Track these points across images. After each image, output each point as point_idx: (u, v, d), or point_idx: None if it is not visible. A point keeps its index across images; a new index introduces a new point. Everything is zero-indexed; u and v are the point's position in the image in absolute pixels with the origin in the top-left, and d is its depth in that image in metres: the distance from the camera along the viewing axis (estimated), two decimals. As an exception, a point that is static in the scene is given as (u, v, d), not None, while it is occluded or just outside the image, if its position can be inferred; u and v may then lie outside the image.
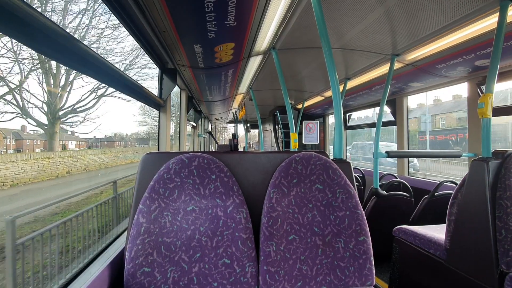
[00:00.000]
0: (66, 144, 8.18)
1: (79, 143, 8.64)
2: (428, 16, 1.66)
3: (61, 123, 6.51)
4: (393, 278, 1.93)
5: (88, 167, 7.13)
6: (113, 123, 16.01)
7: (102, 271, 0.88)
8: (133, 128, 19.87)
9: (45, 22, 0.67)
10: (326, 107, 4.90)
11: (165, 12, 1.39)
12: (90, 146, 8.83)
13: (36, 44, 0.70)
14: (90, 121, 7.69)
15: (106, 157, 8.01)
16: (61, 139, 7.68)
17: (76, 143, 8.53)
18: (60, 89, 6.29)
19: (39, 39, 0.69)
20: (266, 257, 0.96)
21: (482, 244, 1.33)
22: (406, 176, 3.33)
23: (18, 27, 0.61)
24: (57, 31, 0.72)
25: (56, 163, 5.94)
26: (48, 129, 6.13)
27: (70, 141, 8.52)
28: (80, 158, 6.84)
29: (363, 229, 1.03)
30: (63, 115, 6.53)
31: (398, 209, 2.45)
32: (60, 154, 6.15)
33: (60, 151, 6.26)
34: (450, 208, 1.55)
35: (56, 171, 5.95)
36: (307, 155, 1.08)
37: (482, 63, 2.13)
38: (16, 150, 6.47)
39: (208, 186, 1.00)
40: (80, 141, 8.59)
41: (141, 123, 15.08)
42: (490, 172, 1.35)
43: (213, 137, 9.09)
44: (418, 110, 15.71)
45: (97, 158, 7.71)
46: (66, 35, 0.76)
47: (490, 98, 1.51)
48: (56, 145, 6.13)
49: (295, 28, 1.89)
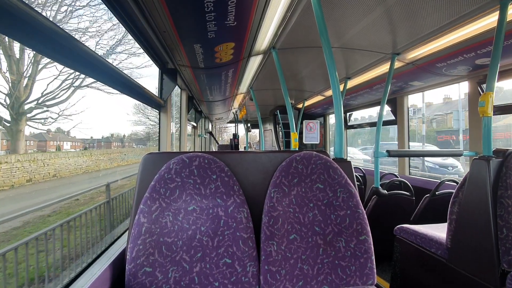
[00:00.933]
0: (61, 145, 7.61)
1: (74, 144, 8.23)
2: (428, 14, 1.66)
3: (28, 120, 5.19)
4: (394, 277, 1.93)
5: (60, 173, 5.67)
6: (100, 121, 14.38)
7: (103, 271, 0.88)
8: (127, 127, 18.98)
9: (45, 22, 0.67)
10: (327, 106, 4.89)
11: (165, 12, 1.39)
12: (86, 147, 8.41)
13: (35, 44, 0.70)
14: (67, 118, 6.18)
15: (86, 161, 6.79)
16: (54, 140, 6.98)
17: (71, 143, 8.10)
18: (26, 79, 5.04)
19: (38, 39, 0.69)
20: (267, 256, 0.96)
21: (484, 243, 1.33)
22: (407, 175, 3.33)
23: (18, 26, 0.61)
24: (57, 31, 0.72)
25: (11, 170, 4.65)
26: (11, 126, 4.88)
27: (66, 142, 7.97)
28: (50, 162, 5.59)
29: (364, 228, 1.03)
30: (30, 109, 5.25)
31: (399, 208, 2.45)
32: (19, 158, 4.85)
33: (21, 154, 4.97)
34: (451, 207, 1.55)
35: (10, 179, 4.61)
36: (307, 155, 1.08)
37: (482, 61, 2.12)
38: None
39: (209, 186, 1.00)
40: (76, 141, 8.20)
41: (135, 123, 14.19)
42: (491, 170, 1.35)
43: (213, 137, 9.09)
44: (444, 106, 14.37)
45: (73, 162, 6.29)
46: (66, 35, 0.76)
47: (491, 97, 1.51)
48: (21, 146, 4.96)
49: (295, 27, 1.89)
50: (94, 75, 1.02)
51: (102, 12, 5.81)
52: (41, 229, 2.65)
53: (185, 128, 3.37)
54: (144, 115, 13.80)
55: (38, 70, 5.18)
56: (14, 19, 0.58)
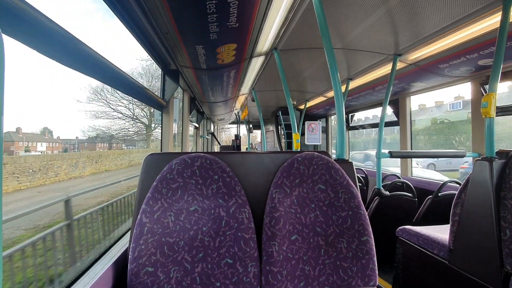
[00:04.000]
0: (32, 146, 6.52)
1: (51, 145, 7.06)
2: (430, 15, 1.66)
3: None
4: (396, 279, 1.92)
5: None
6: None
7: (105, 270, 0.89)
8: (80, 120, 14.29)
9: (48, 23, 0.68)
10: (329, 107, 4.89)
11: (168, 14, 1.40)
12: (66, 148, 6.99)
13: (39, 45, 0.71)
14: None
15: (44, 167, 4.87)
16: (24, 140, 6.11)
17: (47, 144, 6.92)
18: None
19: (42, 40, 0.70)
20: (268, 257, 0.96)
21: (487, 245, 1.32)
22: (409, 177, 3.31)
23: (20, 26, 0.62)
24: (60, 32, 0.73)
25: None
26: None
27: (41, 143, 6.85)
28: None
29: (365, 229, 1.03)
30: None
31: (401, 209, 2.43)
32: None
33: None
34: (454, 209, 1.54)
35: None
36: (309, 155, 1.08)
37: (485, 62, 2.11)
38: None
39: (211, 186, 1.00)
40: (55, 142, 7.08)
41: (94, 115, 9.77)
42: (494, 172, 1.34)
43: (215, 138, 9.10)
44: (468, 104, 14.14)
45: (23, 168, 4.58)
46: (69, 36, 0.77)
47: (494, 98, 1.50)
48: None
49: (297, 28, 1.89)
50: (96, 75, 1.03)
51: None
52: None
53: (187, 129, 3.38)
54: (106, 104, 9.83)
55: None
56: (16, 19, 0.59)
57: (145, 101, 1.70)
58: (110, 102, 10.95)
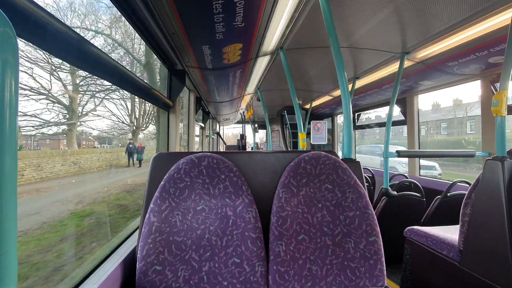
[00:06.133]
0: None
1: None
2: (439, 12, 1.63)
3: None
4: (405, 280, 1.89)
5: None
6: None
7: (114, 269, 0.90)
8: None
9: (57, 24, 0.69)
10: (335, 106, 4.85)
11: (174, 14, 1.41)
12: (21, 146, 5.85)
13: (49, 46, 0.72)
14: None
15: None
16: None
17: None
18: None
19: (52, 42, 0.71)
20: (275, 256, 0.96)
21: (497, 245, 1.30)
22: (417, 176, 3.27)
23: (30, 28, 0.63)
24: (69, 34, 0.74)
25: None
26: None
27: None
28: None
29: (373, 229, 1.02)
30: None
31: (409, 209, 2.40)
32: None
33: None
34: (464, 209, 1.51)
35: None
36: (316, 155, 1.07)
37: (496, 60, 2.07)
38: None
39: (218, 186, 1.00)
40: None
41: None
42: (505, 171, 1.31)
43: (221, 137, 9.13)
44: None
45: None
46: (77, 37, 0.79)
47: (505, 96, 1.47)
48: None
49: (303, 27, 1.88)
50: (104, 76, 1.04)
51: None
52: None
53: (193, 129, 3.40)
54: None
55: None
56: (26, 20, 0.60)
57: (151, 101, 1.71)
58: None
